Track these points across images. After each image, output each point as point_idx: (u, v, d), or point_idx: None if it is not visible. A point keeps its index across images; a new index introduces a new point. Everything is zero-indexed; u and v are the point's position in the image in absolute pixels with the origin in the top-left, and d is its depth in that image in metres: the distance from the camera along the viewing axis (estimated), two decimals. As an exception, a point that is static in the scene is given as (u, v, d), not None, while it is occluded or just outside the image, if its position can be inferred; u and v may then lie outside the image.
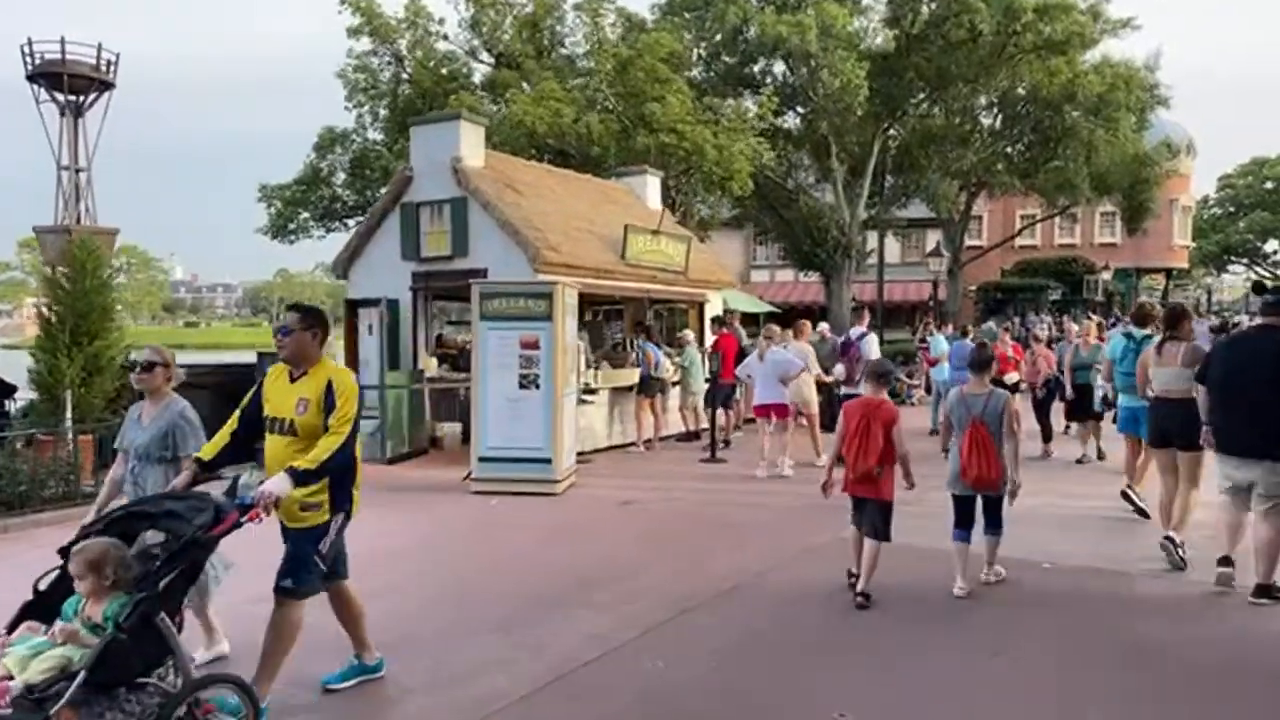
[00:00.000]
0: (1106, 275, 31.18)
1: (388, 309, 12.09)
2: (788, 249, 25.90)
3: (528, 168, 13.70)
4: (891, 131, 25.66)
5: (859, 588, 5.44)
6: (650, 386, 12.64)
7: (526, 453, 9.15)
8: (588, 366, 12.06)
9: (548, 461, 9.13)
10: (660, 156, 17.59)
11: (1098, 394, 10.49)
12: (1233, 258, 67.09)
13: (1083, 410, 10.94)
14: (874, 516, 5.46)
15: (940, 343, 14.51)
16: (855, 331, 11.51)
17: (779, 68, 24.32)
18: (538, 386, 9.15)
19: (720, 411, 13.29)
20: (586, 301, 16.91)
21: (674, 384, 13.77)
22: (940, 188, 24.92)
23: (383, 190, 14.33)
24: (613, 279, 12.75)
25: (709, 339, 14.61)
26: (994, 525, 5.78)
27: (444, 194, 12.12)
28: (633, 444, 12.70)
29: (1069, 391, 10.88)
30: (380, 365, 12.11)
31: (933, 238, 38.19)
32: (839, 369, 11.08)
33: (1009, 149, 29.79)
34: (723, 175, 17.11)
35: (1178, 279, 45.31)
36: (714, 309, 15.29)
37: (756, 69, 24.62)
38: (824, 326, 16.55)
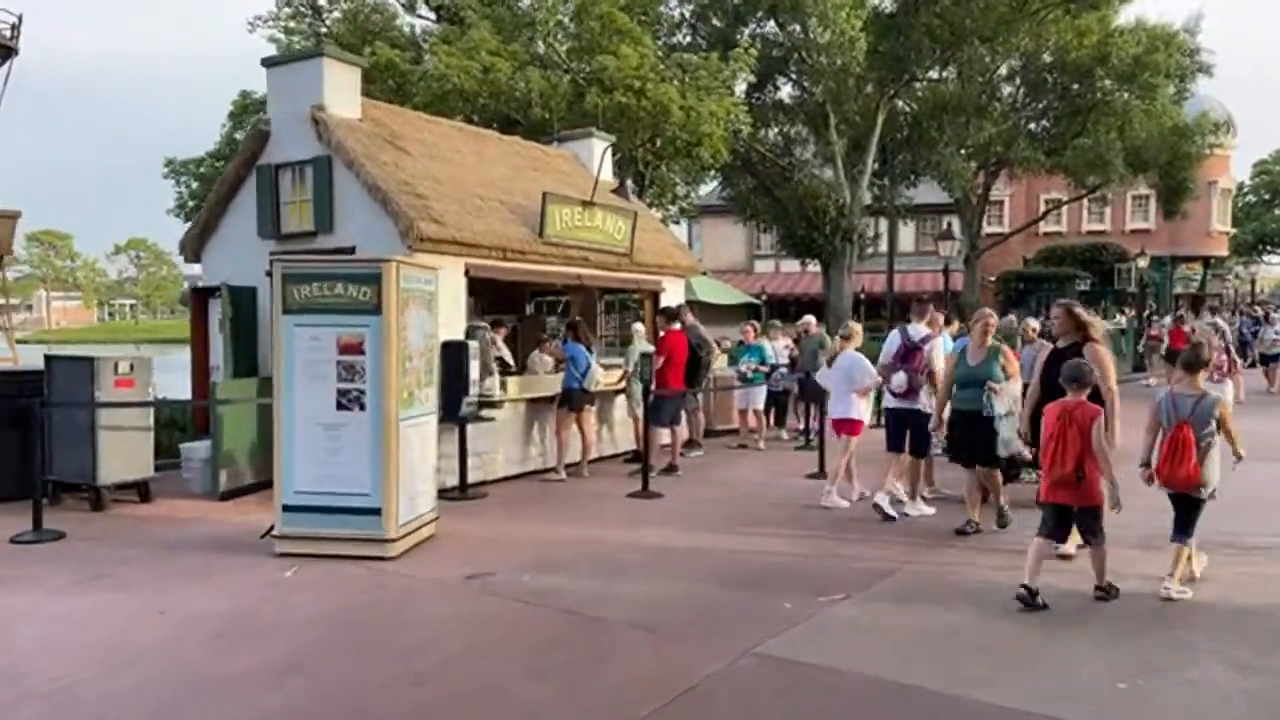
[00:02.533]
0: (1143, 262, 28.13)
1: (231, 298, 9.48)
2: (781, 234, 23.14)
3: (428, 124, 11.06)
4: (898, 101, 22.82)
5: (1097, 581, 5.47)
6: (574, 398, 9.99)
7: (347, 500, 6.53)
8: (490, 373, 9.43)
9: (376, 512, 6.51)
10: (619, 120, 14.92)
11: (1002, 429, 6.90)
12: (1269, 248, 63.93)
13: (970, 450, 7.16)
14: (1084, 521, 5.48)
15: (943, 343, 11.71)
16: (917, 332, 8.34)
17: (771, 28, 21.57)
18: (363, 407, 6.53)
19: (666, 429, 10.67)
20: (530, 292, 14.45)
21: (619, 392, 11.16)
22: (953, 164, 22.03)
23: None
24: (526, 261, 10.10)
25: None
26: (1181, 531, 5.50)
27: (305, 153, 9.52)
28: (552, 470, 10.08)
29: (935, 420, 7.64)
30: (226, 370, 9.55)
31: (950, 222, 35.30)
32: (899, 379, 8.11)
33: (1032, 125, 26.91)
34: (689, 140, 14.39)
35: (1215, 268, 42.06)
36: (674, 299, 12.61)
37: (746, 32, 21.87)
38: (808, 319, 13.95)
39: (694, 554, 6.76)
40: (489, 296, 14.19)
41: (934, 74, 21.92)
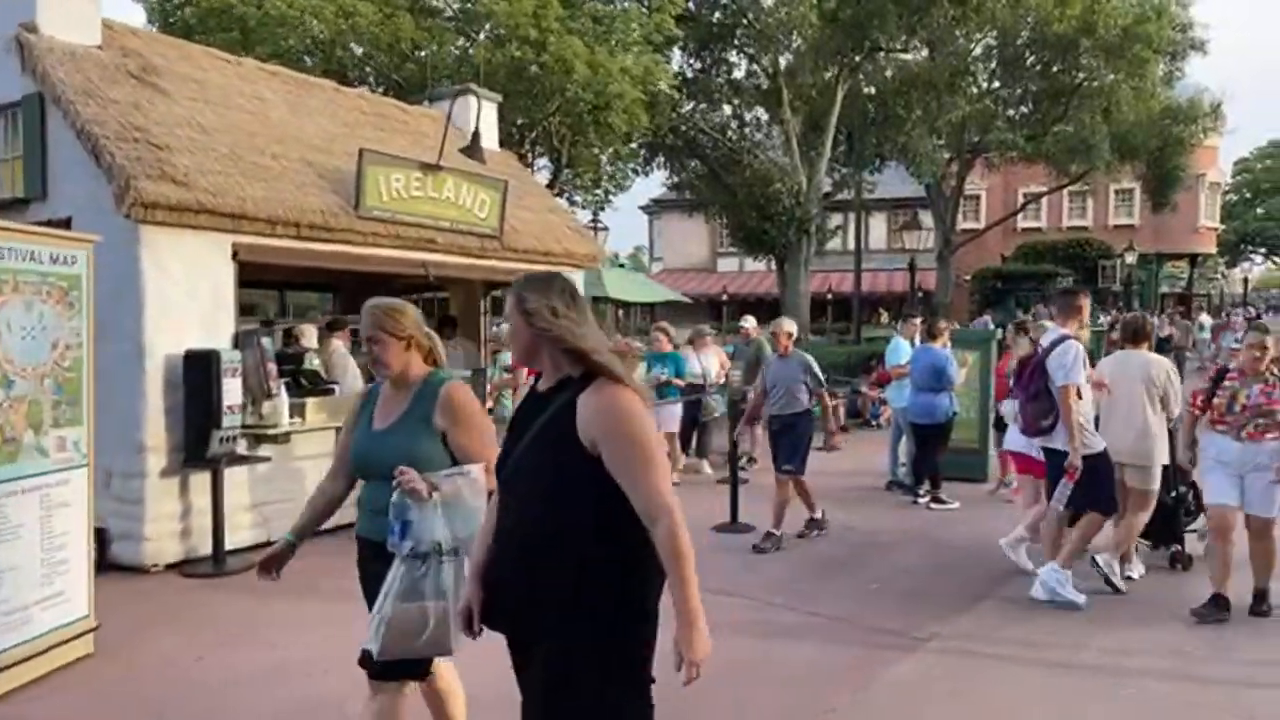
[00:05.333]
0: (1130, 258, 25.89)
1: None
2: (732, 226, 20.65)
3: (219, 62, 8.39)
4: (862, 76, 20.38)
5: None
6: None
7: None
8: (268, 395, 6.82)
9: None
10: (519, 81, 12.37)
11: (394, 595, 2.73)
12: (1250, 247, 62.72)
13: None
14: None
15: (900, 348, 9.24)
16: (1052, 334, 5.77)
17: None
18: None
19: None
20: (400, 286, 11.88)
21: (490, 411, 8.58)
22: (921, 145, 19.62)
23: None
24: (335, 241, 7.49)
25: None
26: None
27: (16, 92, 6.89)
28: (371, 523, 7.44)
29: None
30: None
31: (922, 218, 32.93)
32: (1007, 405, 6.08)
33: (1011, 111, 24.60)
34: (594, 103, 11.83)
35: (1202, 267, 40.00)
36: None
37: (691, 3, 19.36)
38: (749, 323, 11.45)
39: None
40: (347, 291, 11.65)
41: (902, 46, 19.45)
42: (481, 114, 10.81)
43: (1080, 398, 5.39)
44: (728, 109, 21.57)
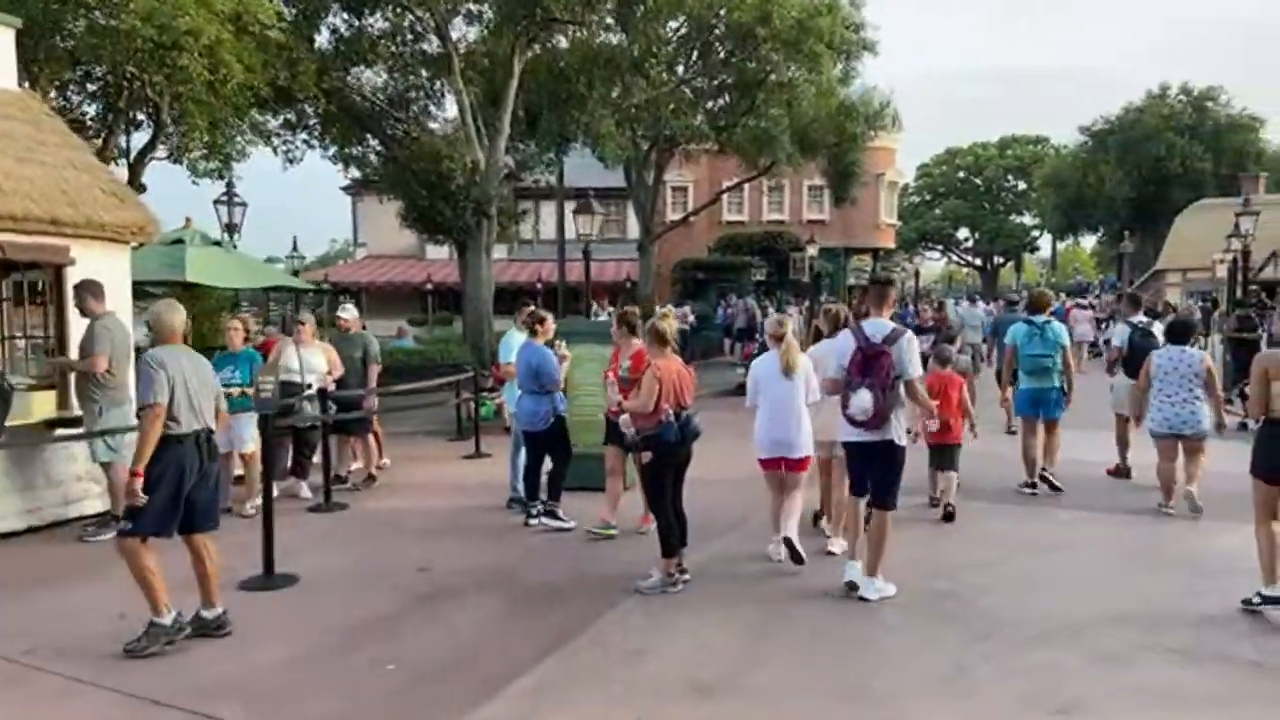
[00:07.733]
0: (812, 250, 26.78)
1: None
2: (404, 206, 18.66)
3: None
4: (545, 50, 19.14)
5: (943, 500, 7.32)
6: None
7: None
8: None
9: None
10: (69, 7, 9.73)
11: None
12: (929, 244, 69.78)
13: None
14: (952, 456, 7.44)
15: (512, 342, 7.85)
16: (879, 328, 5.44)
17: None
18: None
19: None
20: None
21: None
22: (603, 126, 18.67)
23: None
24: None
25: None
26: None
27: None
28: None
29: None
30: None
31: (631, 208, 32.60)
32: (862, 400, 5.25)
33: (710, 104, 24.51)
34: (158, 42, 9.44)
35: (884, 260, 43.17)
36: (106, 275, 7.67)
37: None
38: (349, 313, 9.67)
39: None
40: None
41: (579, 19, 18.34)
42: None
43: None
44: (411, 78, 19.59)
